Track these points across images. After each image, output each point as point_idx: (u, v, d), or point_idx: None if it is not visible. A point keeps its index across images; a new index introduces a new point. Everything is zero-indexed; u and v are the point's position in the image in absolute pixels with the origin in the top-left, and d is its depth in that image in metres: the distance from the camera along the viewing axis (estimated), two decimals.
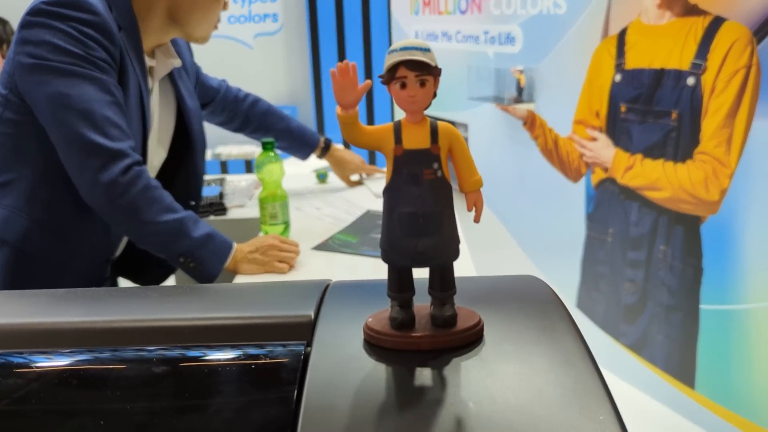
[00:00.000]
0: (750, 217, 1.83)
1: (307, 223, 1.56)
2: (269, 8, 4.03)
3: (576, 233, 2.44)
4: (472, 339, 0.43)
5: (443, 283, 0.45)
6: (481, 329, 0.44)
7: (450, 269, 0.45)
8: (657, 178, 2.07)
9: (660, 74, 2.01)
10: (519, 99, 2.58)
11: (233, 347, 0.43)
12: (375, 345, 0.44)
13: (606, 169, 2.25)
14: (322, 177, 2.29)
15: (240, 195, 1.97)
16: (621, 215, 2.24)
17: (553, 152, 2.49)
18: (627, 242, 2.23)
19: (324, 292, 0.51)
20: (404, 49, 0.43)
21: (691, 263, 2.04)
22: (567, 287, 2.51)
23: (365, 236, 1.32)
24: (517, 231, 2.71)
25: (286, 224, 1.51)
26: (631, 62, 2.11)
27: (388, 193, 0.45)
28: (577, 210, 2.43)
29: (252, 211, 1.83)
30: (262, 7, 4.02)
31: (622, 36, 2.13)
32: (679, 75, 1.96)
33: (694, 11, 1.90)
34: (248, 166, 3.95)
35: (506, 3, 2.59)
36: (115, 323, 0.47)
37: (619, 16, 2.14)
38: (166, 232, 1.32)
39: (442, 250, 0.45)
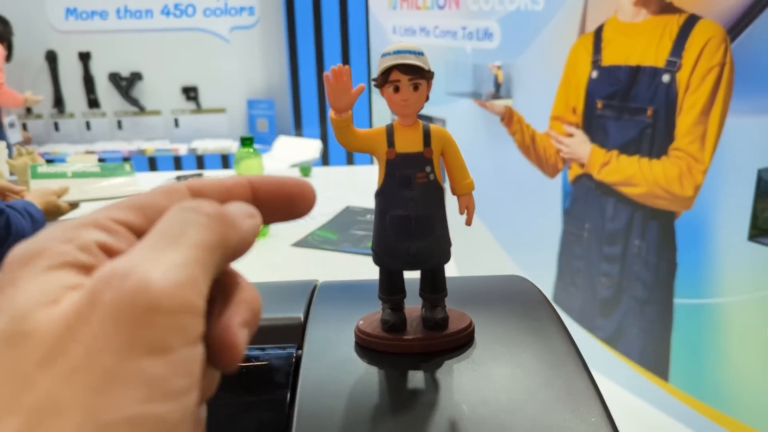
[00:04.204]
0: (723, 213, 1.86)
1: None
2: (245, 1, 4.00)
3: (553, 228, 2.46)
4: (464, 341, 0.43)
5: (434, 285, 0.46)
6: (472, 331, 0.44)
7: (441, 272, 0.46)
8: (632, 174, 2.10)
9: (636, 71, 2.03)
10: (497, 95, 2.59)
11: None
12: (366, 348, 0.43)
13: (582, 165, 2.28)
14: (306, 171, 2.27)
15: None
16: (597, 210, 2.26)
17: (531, 148, 2.51)
18: (603, 237, 2.25)
19: (312, 293, 0.50)
20: (398, 52, 0.43)
21: (665, 258, 2.07)
22: (544, 282, 2.53)
23: (345, 233, 1.31)
24: (495, 226, 2.73)
25: None
26: (608, 59, 2.13)
27: (381, 196, 0.45)
28: (553, 205, 2.45)
29: None
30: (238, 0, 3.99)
31: (598, 33, 2.15)
32: (655, 72, 1.98)
33: (669, 9, 1.93)
34: (225, 161, 3.92)
35: None
36: None
37: (595, 13, 2.16)
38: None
39: (434, 253, 0.45)
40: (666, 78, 1.95)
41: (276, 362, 0.42)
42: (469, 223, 0.46)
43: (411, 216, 0.44)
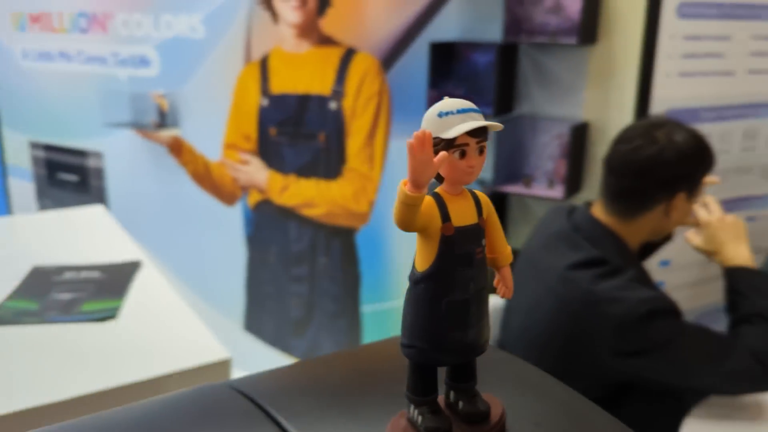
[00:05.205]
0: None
1: None
2: None
3: (237, 256, 2.45)
4: (503, 429, 0.40)
5: (472, 373, 0.41)
6: (505, 416, 0.40)
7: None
8: (312, 196, 2.21)
9: (305, 99, 2.15)
10: (162, 124, 2.46)
11: None
12: None
13: (262, 191, 2.31)
14: None
15: None
16: (281, 234, 2.32)
17: (205, 177, 2.45)
18: (289, 259, 2.32)
19: (254, 404, 0.39)
20: (462, 111, 0.36)
21: (350, 271, 2.23)
22: (233, 312, 2.50)
23: (46, 299, 1.07)
24: (173, 261, 2.59)
25: None
26: (277, 87, 2.20)
27: (432, 280, 0.37)
28: (235, 233, 2.43)
29: None
30: None
31: (264, 62, 2.21)
32: (323, 100, 2.12)
33: (329, 42, 2.08)
34: None
35: (136, 24, 2.45)
36: None
37: (259, 43, 2.22)
38: None
39: (484, 338, 0.40)
40: (333, 105, 2.11)
41: None
42: (510, 295, 0.41)
43: (471, 299, 0.38)
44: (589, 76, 1.76)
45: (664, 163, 1.17)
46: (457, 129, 0.36)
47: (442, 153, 0.35)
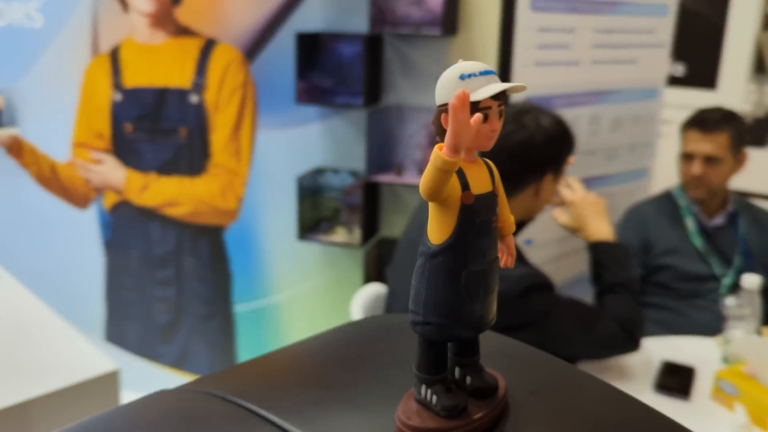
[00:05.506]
0: (271, 218, 2.04)
1: None
2: None
3: (93, 263, 2.28)
4: (506, 399, 0.39)
5: (477, 346, 0.39)
6: (507, 388, 0.40)
7: None
8: (175, 195, 2.11)
9: (163, 93, 2.04)
10: None
11: None
12: None
13: (119, 191, 2.17)
14: None
15: None
16: (143, 236, 2.19)
17: (52, 180, 2.26)
18: (153, 262, 2.20)
19: (243, 407, 0.35)
20: (484, 73, 0.34)
21: (219, 270, 2.16)
22: (92, 322, 2.33)
23: None
24: (20, 272, 2.35)
25: None
26: (130, 81, 2.07)
27: (452, 251, 0.35)
28: (90, 238, 2.26)
29: None
30: None
31: (115, 54, 2.07)
32: (183, 93, 2.02)
33: (187, 32, 1.99)
34: None
35: None
36: None
37: (107, 33, 2.07)
38: None
39: (494, 310, 0.38)
40: (195, 99, 2.02)
41: None
42: (512, 264, 0.40)
43: (487, 269, 0.37)
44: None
45: (533, 147, 1.24)
46: (485, 90, 0.35)
47: (478, 114, 0.34)
